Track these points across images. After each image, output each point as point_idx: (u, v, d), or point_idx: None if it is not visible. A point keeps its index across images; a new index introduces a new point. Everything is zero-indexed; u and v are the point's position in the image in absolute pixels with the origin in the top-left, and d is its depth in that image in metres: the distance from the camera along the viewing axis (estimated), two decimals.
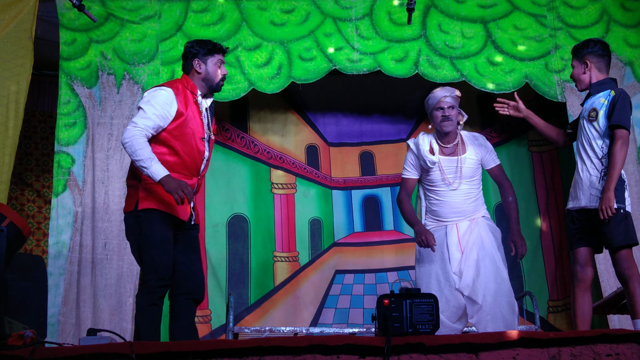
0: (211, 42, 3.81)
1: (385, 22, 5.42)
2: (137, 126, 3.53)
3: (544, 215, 6.27)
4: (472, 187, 4.21)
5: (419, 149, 4.24)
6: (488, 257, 4.03)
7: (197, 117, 3.70)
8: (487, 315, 3.93)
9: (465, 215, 4.17)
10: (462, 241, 4.10)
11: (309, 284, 6.24)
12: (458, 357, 2.80)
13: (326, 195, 6.40)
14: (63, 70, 5.18)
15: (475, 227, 4.12)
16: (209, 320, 6.01)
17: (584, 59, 3.87)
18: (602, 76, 3.87)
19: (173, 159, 3.62)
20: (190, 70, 3.77)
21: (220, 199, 6.25)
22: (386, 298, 2.92)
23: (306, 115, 6.55)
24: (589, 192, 3.74)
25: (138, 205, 3.57)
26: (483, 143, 4.29)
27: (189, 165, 3.67)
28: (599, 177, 3.73)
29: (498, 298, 3.95)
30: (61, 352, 2.77)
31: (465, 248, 4.07)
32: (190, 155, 3.67)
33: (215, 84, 3.79)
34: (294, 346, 2.77)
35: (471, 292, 3.97)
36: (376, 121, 6.53)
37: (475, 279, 3.98)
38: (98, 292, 4.88)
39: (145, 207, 3.56)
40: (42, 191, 6.38)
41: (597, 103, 3.79)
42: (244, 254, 6.22)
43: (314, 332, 5.44)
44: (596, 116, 3.76)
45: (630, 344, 2.86)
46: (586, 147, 3.81)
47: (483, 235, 4.10)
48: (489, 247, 4.07)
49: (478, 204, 4.22)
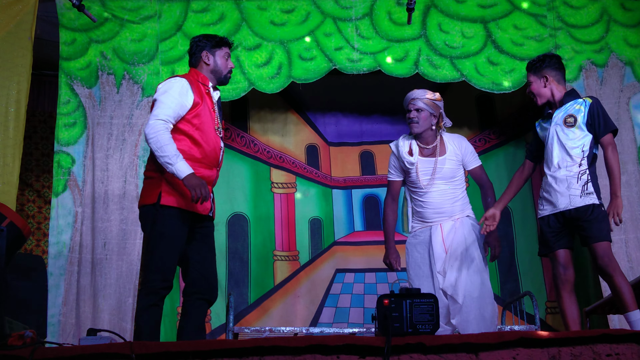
0: (218, 36, 3.88)
1: (385, 21, 5.42)
2: (159, 118, 3.53)
3: None
4: (454, 188, 4.24)
5: (398, 150, 4.30)
6: (470, 258, 4.07)
7: (210, 108, 3.74)
8: (467, 315, 3.95)
9: (448, 215, 4.20)
10: (446, 241, 4.14)
11: (309, 283, 6.24)
12: (458, 357, 2.80)
13: (326, 194, 6.40)
14: (63, 70, 5.18)
15: (460, 227, 4.16)
16: (209, 320, 6.01)
17: (542, 73, 3.98)
18: (562, 87, 3.99)
19: (196, 150, 3.64)
20: (198, 63, 3.82)
21: (220, 198, 6.24)
22: (386, 298, 2.92)
23: (306, 115, 6.55)
24: (567, 193, 3.81)
25: (160, 200, 3.55)
26: (463, 144, 4.32)
27: (209, 155, 3.70)
28: (577, 179, 3.81)
29: (478, 299, 3.98)
30: (61, 352, 2.77)
31: (449, 248, 4.11)
32: (210, 145, 3.69)
33: (223, 76, 3.85)
34: (294, 346, 2.77)
35: (453, 292, 4.01)
36: (376, 121, 6.53)
37: (457, 279, 4.02)
38: (98, 292, 4.88)
39: (166, 203, 3.54)
40: (42, 191, 6.38)
41: (572, 109, 3.89)
42: (244, 252, 6.23)
43: (314, 332, 5.44)
44: (574, 122, 3.86)
45: (630, 344, 2.86)
46: (562, 153, 3.87)
47: (466, 235, 4.13)
48: (471, 248, 4.11)
49: (462, 204, 4.25)
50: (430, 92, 4.26)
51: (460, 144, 4.30)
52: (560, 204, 3.82)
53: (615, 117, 5.30)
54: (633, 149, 5.26)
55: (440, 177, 4.21)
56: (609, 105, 5.32)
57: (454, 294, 4.01)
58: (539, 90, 4.01)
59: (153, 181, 3.63)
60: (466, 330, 3.91)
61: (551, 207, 3.88)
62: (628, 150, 5.26)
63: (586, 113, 3.85)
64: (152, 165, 3.67)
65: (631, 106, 5.25)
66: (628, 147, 5.27)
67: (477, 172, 4.35)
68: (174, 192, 3.56)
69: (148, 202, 3.60)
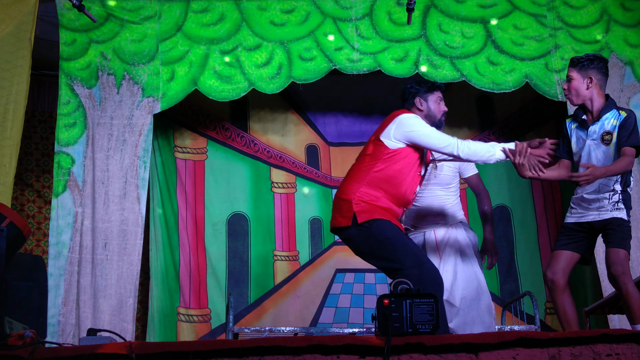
0: (430, 81, 4.02)
1: (385, 22, 5.41)
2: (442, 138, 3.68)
3: (542, 216, 6.27)
4: (449, 194, 4.25)
5: None
6: (465, 262, 4.09)
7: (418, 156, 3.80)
8: (464, 318, 3.96)
9: (442, 221, 4.21)
10: (440, 246, 4.15)
11: (309, 283, 6.24)
12: (458, 357, 2.80)
13: (326, 194, 6.40)
14: (63, 70, 5.18)
15: (453, 232, 4.17)
16: (209, 319, 6.02)
17: (588, 73, 3.77)
18: (603, 95, 3.79)
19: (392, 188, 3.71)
20: (411, 108, 3.92)
21: (220, 198, 6.27)
22: (386, 298, 2.92)
23: (306, 115, 6.55)
24: (597, 212, 3.72)
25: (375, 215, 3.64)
26: None
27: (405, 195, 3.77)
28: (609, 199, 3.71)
29: (475, 301, 3.99)
30: (61, 352, 2.77)
31: (443, 253, 4.12)
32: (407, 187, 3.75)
33: (437, 120, 3.90)
34: (294, 346, 2.77)
35: (449, 296, 4.02)
36: (376, 121, 6.51)
37: (453, 283, 4.03)
38: (98, 293, 4.88)
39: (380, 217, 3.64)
40: (42, 191, 6.38)
41: (610, 125, 3.73)
42: (243, 252, 6.23)
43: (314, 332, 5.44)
44: (611, 139, 3.71)
45: (630, 344, 2.86)
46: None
47: (460, 240, 4.15)
48: (466, 252, 4.12)
49: (455, 210, 4.27)
50: None
51: None
52: (589, 217, 3.74)
53: None
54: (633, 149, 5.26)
55: (435, 184, 4.23)
56: None
57: (450, 298, 4.02)
58: (580, 90, 3.77)
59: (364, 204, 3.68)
60: (464, 332, 3.92)
61: (578, 216, 3.79)
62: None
63: (618, 127, 3.70)
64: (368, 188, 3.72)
65: (631, 106, 5.24)
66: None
67: (474, 180, 4.37)
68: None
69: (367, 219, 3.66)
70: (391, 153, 3.70)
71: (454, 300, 4.01)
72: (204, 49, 5.30)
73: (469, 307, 3.98)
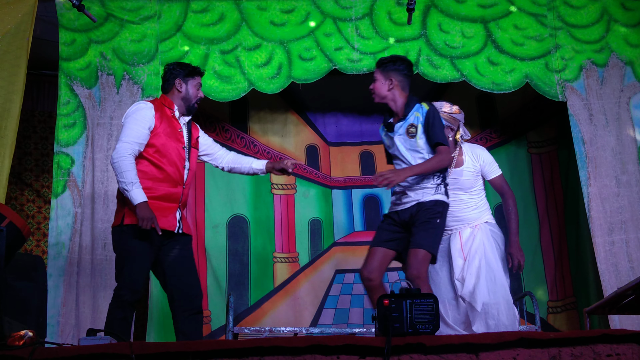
0: (191, 65, 4.10)
1: (385, 22, 5.41)
2: (126, 142, 3.79)
3: (543, 216, 6.26)
4: (472, 197, 4.25)
5: None
6: (488, 264, 4.06)
7: (175, 130, 3.94)
8: (487, 321, 3.94)
9: (467, 222, 4.20)
10: (464, 248, 4.13)
11: (308, 284, 6.23)
12: (458, 357, 2.80)
13: (326, 195, 6.39)
14: (62, 70, 5.18)
15: (478, 233, 4.15)
16: (209, 320, 6.01)
17: (390, 75, 3.91)
18: (405, 96, 3.92)
19: (156, 171, 3.86)
20: (170, 89, 4.02)
21: (220, 200, 6.25)
22: (386, 298, 2.92)
23: (306, 115, 6.54)
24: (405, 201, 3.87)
25: (124, 220, 3.80)
26: (482, 155, 4.31)
27: (172, 175, 3.90)
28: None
29: (497, 305, 3.97)
30: (61, 352, 2.77)
31: (467, 255, 4.11)
32: (172, 166, 3.90)
33: (191, 104, 4.03)
34: (293, 346, 2.77)
35: (471, 298, 3.99)
36: (376, 121, 6.51)
37: (476, 286, 4.00)
38: (97, 293, 4.87)
39: (129, 222, 3.78)
40: (42, 191, 6.37)
41: (413, 118, 3.85)
42: (243, 254, 6.22)
43: (314, 332, 5.43)
44: (415, 132, 3.83)
45: (630, 344, 2.86)
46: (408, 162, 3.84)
47: (485, 242, 4.13)
48: (489, 254, 4.10)
49: (481, 211, 4.25)
50: (447, 105, 4.27)
51: (478, 155, 4.30)
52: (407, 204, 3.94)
53: (615, 116, 5.30)
54: (633, 149, 5.26)
55: (457, 188, 4.21)
56: (609, 104, 5.32)
57: (473, 301, 3.99)
58: (381, 91, 3.95)
59: (118, 204, 3.93)
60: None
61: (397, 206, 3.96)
62: (628, 150, 5.26)
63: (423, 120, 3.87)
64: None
65: (631, 106, 5.25)
66: (628, 147, 5.26)
67: (497, 182, 4.35)
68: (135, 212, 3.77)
69: (115, 224, 3.90)
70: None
71: (476, 303, 3.98)
72: (203, 49, 5.31)
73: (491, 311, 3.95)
